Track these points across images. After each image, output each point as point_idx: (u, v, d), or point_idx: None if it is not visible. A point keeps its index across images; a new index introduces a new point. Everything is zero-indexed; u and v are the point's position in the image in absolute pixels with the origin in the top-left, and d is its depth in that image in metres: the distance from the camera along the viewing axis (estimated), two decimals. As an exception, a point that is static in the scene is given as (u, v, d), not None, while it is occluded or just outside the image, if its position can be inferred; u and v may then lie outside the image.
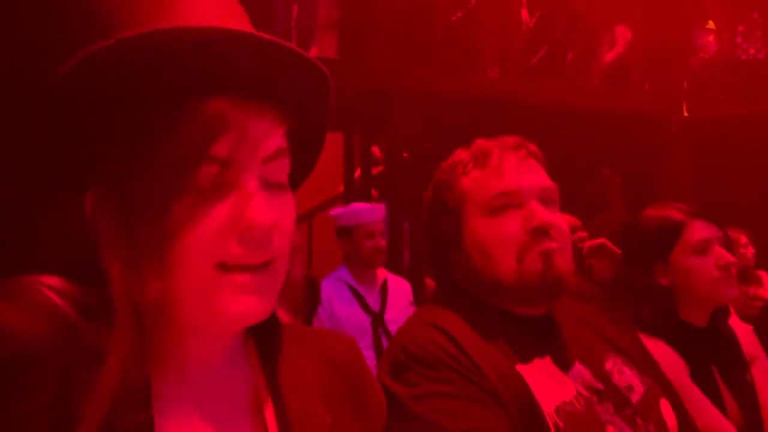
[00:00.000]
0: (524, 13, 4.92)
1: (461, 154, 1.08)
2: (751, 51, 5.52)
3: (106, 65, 0.51)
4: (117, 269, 0.53)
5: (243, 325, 0.60)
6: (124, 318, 0.52)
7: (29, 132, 0.56)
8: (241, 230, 0.53)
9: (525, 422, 0.87)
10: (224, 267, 0.54)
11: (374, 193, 4.42)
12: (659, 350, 1.31)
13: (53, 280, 0.55)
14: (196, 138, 0.52)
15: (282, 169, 0.58)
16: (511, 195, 1.00)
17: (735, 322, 1.52)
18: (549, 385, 0.93)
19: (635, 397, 0.97)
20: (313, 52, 3.99)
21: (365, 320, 2.67)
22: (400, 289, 2.88)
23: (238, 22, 0.57)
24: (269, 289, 0.57)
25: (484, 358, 0.91)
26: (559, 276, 0.97)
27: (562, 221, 1.02)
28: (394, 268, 3.42)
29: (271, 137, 0.56)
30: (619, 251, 2.65)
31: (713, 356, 1.37)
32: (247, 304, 0.55)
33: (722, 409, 1.29)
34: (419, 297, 3.02)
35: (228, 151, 0.53)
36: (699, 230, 1.39)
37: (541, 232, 0.97)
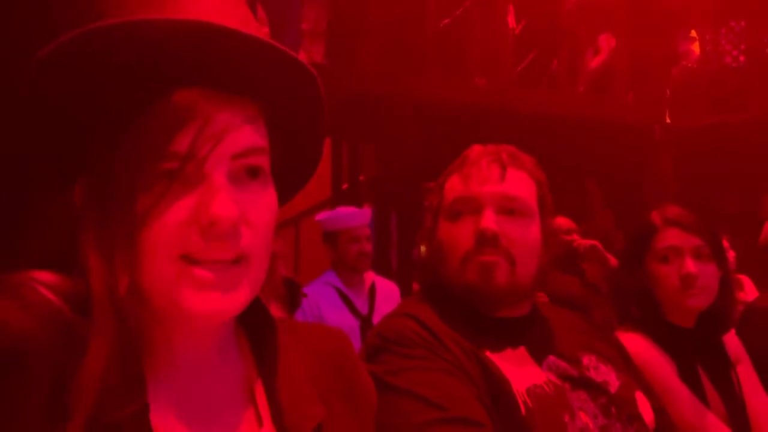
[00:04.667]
0: (511, 21, 4.97)
1: (456, 160, 1.13)
2: (729, 59, 5.61)
3: (76, 55, 0.51)
4: (94, 260, 0.54)
5: (207, 321, 0.58)
6: (103, 308, 0.53)
7: (16, 124, 0.57)
8: (203, 225, 0.53)
9: (494, 399, 0.89)
10: (189, 259, 0.53)
11: (362, 198, 4.42)
12: (647, 349, 1.34)
13: (46, 276, 0.55)
14: (159, 129, 0.52)
15: (259, 164, 0.58)
16: (467, 201, 1.03)
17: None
18: (519, 370, 0.95)
19: (611, 389, 0.98)
20: (300, 58, 4.00)
21: (354, 324, 2.67)
22: (388, 292, 2.88)
23: (231, 16, 0.57)
24: (238, 286, 0.56)
25: (451, 341, 0.94)
26: (496, 289, 0.99)
27: (519, 233, 1.02)
28: (382, 271, 3.44)
29: (240, 130, 0.56)
30: (608, 255, 2.71)
31: (698, 356, 1.39)
32: (208, 300, 0.54)
33: (707, 407, 1.31)
34: (407, 300, 3.03)
35: (192, 143, 0.53)
36: (668, 238, 1.40)
37: (484, 240, 0.99)
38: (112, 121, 0.54)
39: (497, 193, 1.02)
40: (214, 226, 0.53)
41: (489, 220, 1.00)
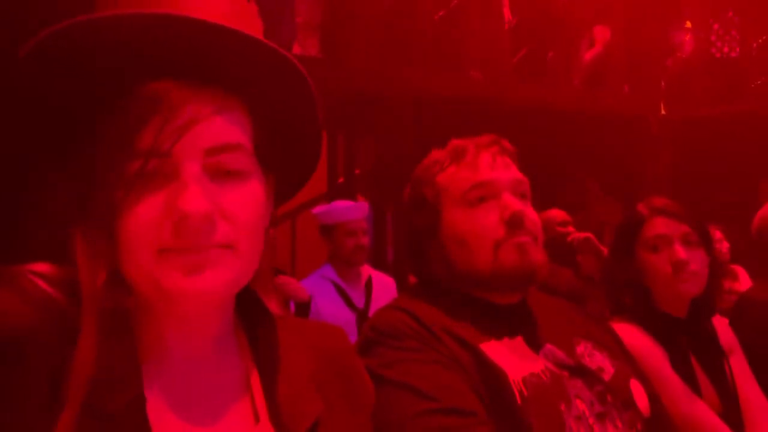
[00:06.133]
0: (507, 13, 4.96)
1: (437, 154, 1.13)
2: (726, 49, 5.61)
3: (52, 54, 0.52)
4: (80, 253, 0.54)
5: (196, 302, 0.57)
6: (89, 300, 0.53)
7: (14, 121, 0.57)
8: (174, 221, 0.53)
9: (489, 389, 0.90)
10: (169, 253, 0.54)
11: (358, 192, 4.42)
12: (640, 339, 1.35)
13: (42, 267, 0.56)
14: (125, 125, 0.53)
15: (235, 159, 0.57)
16: (485, 186, 1.04)
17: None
18: (517, 359, 0.96)
19: (606, 377, 0.99)
20: (295, 51, 3.99)
21: (350, 317, 2.67)
22: (384, 286, 2.89)
23: (210, 8, 0.58)
24: (218, 266, 0.55)
25: (445, 333, 0.95)
26: (534, 267, 1.01)
27: (534, 214, 1.05)
28: (379, 264, 3.44)
29: (210, 122, 0.55)
30: (602, 247, 2.71)
31: (691, 345, 1.40)
32: (189, 280, 0.54)
33: (700, 396, 1.32)
34: (403, 294, 3.03)
35: (154, 138, 0.53)
36: (656, 227, 1.42)
37: (515, 222, 1.01)
38: (87, 118, 0.55)
39: (510, 178, 1.05)
40: (185, 221, 0.53)
41: (515, 203, 1.02)
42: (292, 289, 2.52)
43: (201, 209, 0.53)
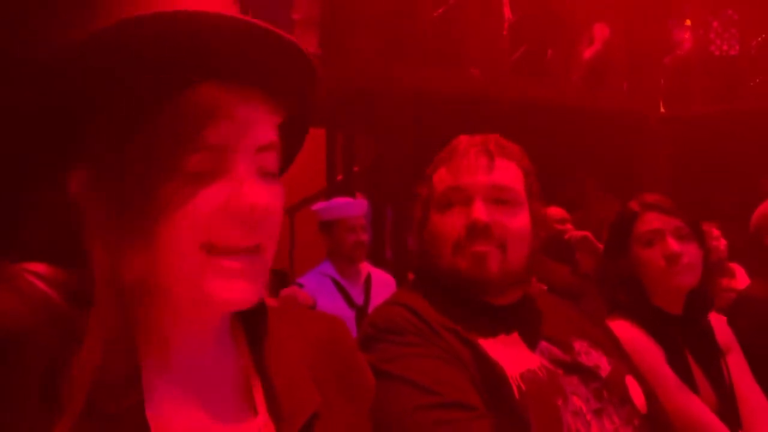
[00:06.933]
0: (506, 11, 4.95)
1: (443, 151, 1.14)
2: (725, 47, 5.61)
3: (103, 47, 0.51)
4: (100, 249, 0.54)
5: (231, 310, 0.61)
6: (104, 298, 0.54)
7: (13, 111, 0.57)
8: (235, 212, 0.54)
9: (488, 384, 0.91)
10: (211, 249, 0.55)
11: (357, 189, 4.42)
12: (635, 335, 1.35)
13: (38, 267, 0.56)
14: (186, 122, 0.53)
15: (273, 159, 0.60)
16: (457, 191, 1.05)
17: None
18: (513, 355, 0.97)
19: (602, 374, 1.00)
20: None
21: (349, 314, 2.67)
22: (383, 283, 2.89)
23: (230, 8, 0.58)
24: (257, 275, 0.58)
25: (443, 328, 0.96)
26: (488, 277, 1.01)
27: (509, 221, 1.03)
28: (377, 262, 3.45)
29: (264, 125, 0.58)
30: (600, 245, 2.72)
31: (687, 343, 1.40)
32: (234, 289, 0.56)
33: (696, 393, 1.32)
34: (402, 291, 3.04)
35: (220, 138, 0.54)
36: (648, 222, 1.44)
37: (475, 230, 1.01)
38: (125, 113, 0.54)
39: (486, 184, 1.04)
40: (250, 212, 0.55)
41: (479, 211, 1.01)
42: (299, 298, 2.56)
43: (263, 201, 0.55)
